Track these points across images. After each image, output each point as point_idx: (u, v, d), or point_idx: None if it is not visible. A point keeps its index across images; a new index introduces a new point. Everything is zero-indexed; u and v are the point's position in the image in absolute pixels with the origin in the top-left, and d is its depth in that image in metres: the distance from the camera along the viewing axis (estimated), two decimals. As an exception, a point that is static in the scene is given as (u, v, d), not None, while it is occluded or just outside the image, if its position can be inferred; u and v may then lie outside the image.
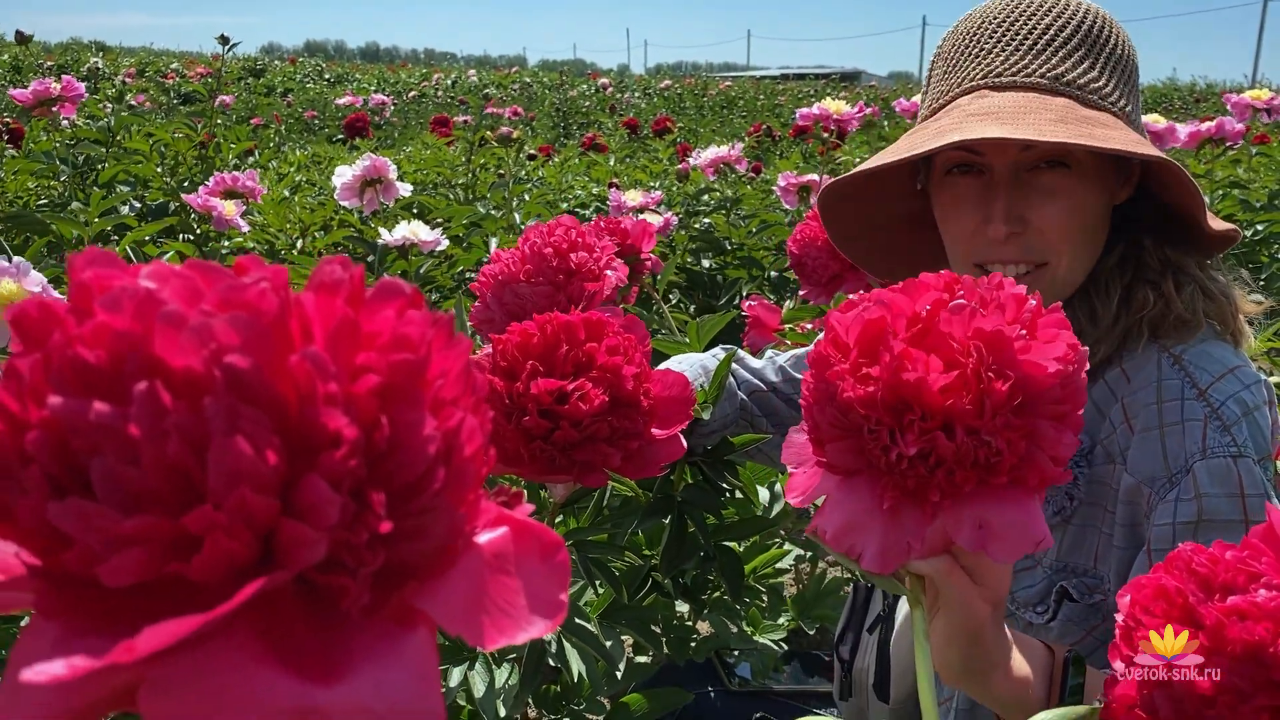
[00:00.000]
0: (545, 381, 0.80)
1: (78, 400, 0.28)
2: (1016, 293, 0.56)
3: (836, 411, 0.57)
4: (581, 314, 0.85)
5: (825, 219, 1.13)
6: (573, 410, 0.80)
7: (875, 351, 0.55)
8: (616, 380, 0.82)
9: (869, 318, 0.56)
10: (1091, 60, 0.96)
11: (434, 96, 14.49)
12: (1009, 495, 0.55)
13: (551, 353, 0.82)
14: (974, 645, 0.69)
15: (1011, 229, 0.95)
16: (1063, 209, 0.94)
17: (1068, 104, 0.93)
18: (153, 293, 0.29)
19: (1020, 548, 0.55)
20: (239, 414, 0.28)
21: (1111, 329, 0.96)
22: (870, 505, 0.58)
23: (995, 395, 0.53)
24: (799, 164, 4.04)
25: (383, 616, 0.31)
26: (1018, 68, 0.96)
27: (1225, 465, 0.86)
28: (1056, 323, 0.55)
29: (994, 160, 0.96)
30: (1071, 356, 0.54)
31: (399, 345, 0.32)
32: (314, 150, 5.29)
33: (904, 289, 0.57)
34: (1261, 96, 3.00)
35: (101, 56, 15.85)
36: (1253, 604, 0.44)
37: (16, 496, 0.28)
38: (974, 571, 0.64)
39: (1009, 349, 0.53)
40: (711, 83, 19.57)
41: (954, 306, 0.54)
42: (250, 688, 0.28)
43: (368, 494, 0.30)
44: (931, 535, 0.57)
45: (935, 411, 0.54)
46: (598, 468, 0.83)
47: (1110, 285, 0.98)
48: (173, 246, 2.25)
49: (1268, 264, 2.85)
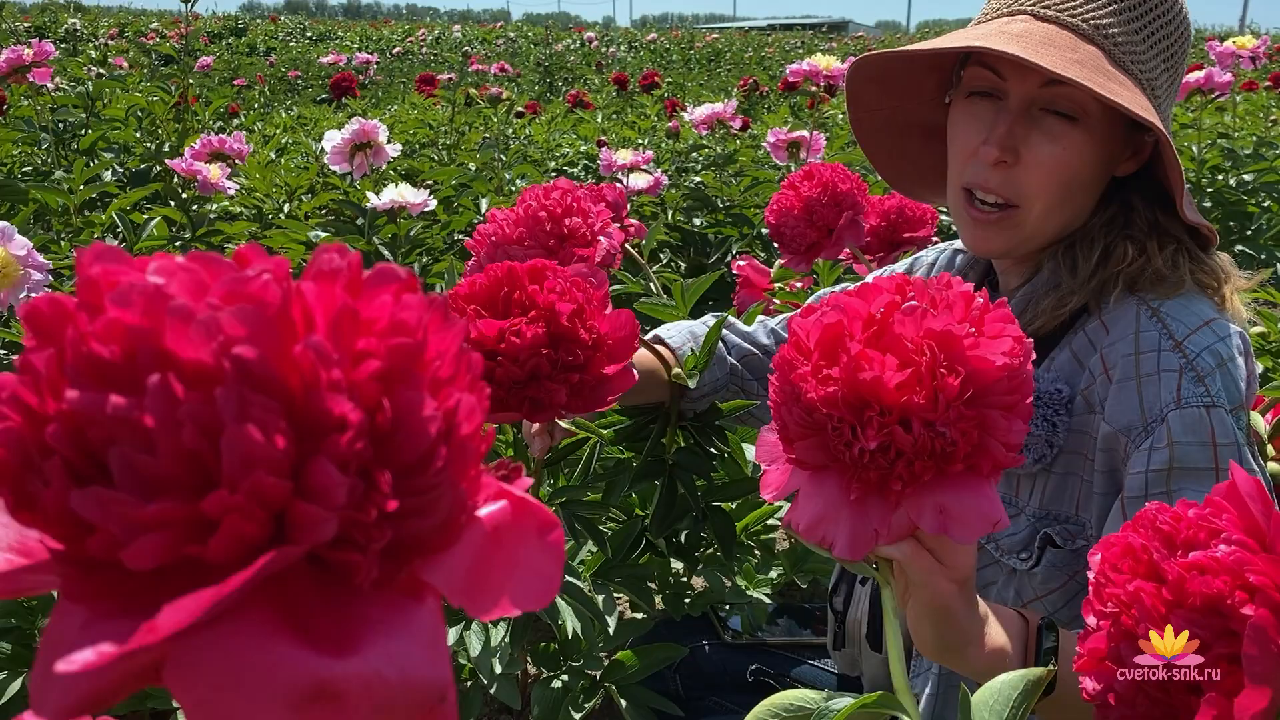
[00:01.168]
0: (485, 323, 0.84)
1: (95, 393, 0.29)
2: (964, 290, 0.59)
3: (802, 411, 0.60)
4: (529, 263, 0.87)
5: (850, 101, 1.15)
6: (508, 347, 0.83)
7: (834, 354, 0.59)
8: (552, 316, 0.85)
9: (827, 322, 0.60)
10: (1139, 25, 0.98)
11: (418, 53, 14.33)
12: (966, 481, 0.59)
13: (493, 297, 0.86)
14: (945, 621, 0.72)
15: (1002, 156, 0.97)
16: (1056, 156, 0.96)
17: (1097, 53, 0.95)
18: (161, 288, 0.30)
19: (978, 529, 0.59)
20: (249, 402, 0.29)
21: (1088, 280, 0.99)
22: (838, 497, 0.62)
23: (947, 390, 0.56)
24: (788, 118, 4.03)
25: (392, 590, 0.33)
26: (1065, 5, 0.98)
27: (1198, 415, 0.89)
28: (1003, 318, 0.58)
29: (1014, 88, 0.98)
30: (1018, 350, 0.57)
31: (397, 330, 0.33)
32: (300, 112, 5.25)
33: (859, 293, 0.60)
34: (1245, 45, 2.99)
35: (80, 17, 15.62)
36: (1212, 559, 0.46)
37: (39, 486, 0.29)
38: (938, 553, 0.68)
39: (959, 346, 0.57)
40: (698, 35, 19.39)
41: (906, 308, 0.58)
42: (268, 661, 0.30)
43: (374, 474, 0.31)
44: (896, 522, 0.61)
45: (892, 407, 0.57)
46: (546, 404, 0.86)
47: (1095, 240, 1.00)
48: (159, 212, 2.24)
49: (1256, 214, 2.86)
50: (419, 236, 2.18)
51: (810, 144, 2.52)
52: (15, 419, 0.30)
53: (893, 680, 0.61)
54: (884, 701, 0.60)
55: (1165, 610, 0.47)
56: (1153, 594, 0.48)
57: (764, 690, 1.36)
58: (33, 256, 1.47)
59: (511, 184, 2.71)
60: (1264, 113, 3.73)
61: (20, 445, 0.30)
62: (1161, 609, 0.47)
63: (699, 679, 1.35)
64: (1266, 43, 3.31)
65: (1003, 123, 0.98)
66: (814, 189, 1.48)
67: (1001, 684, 0.60)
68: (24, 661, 1.07)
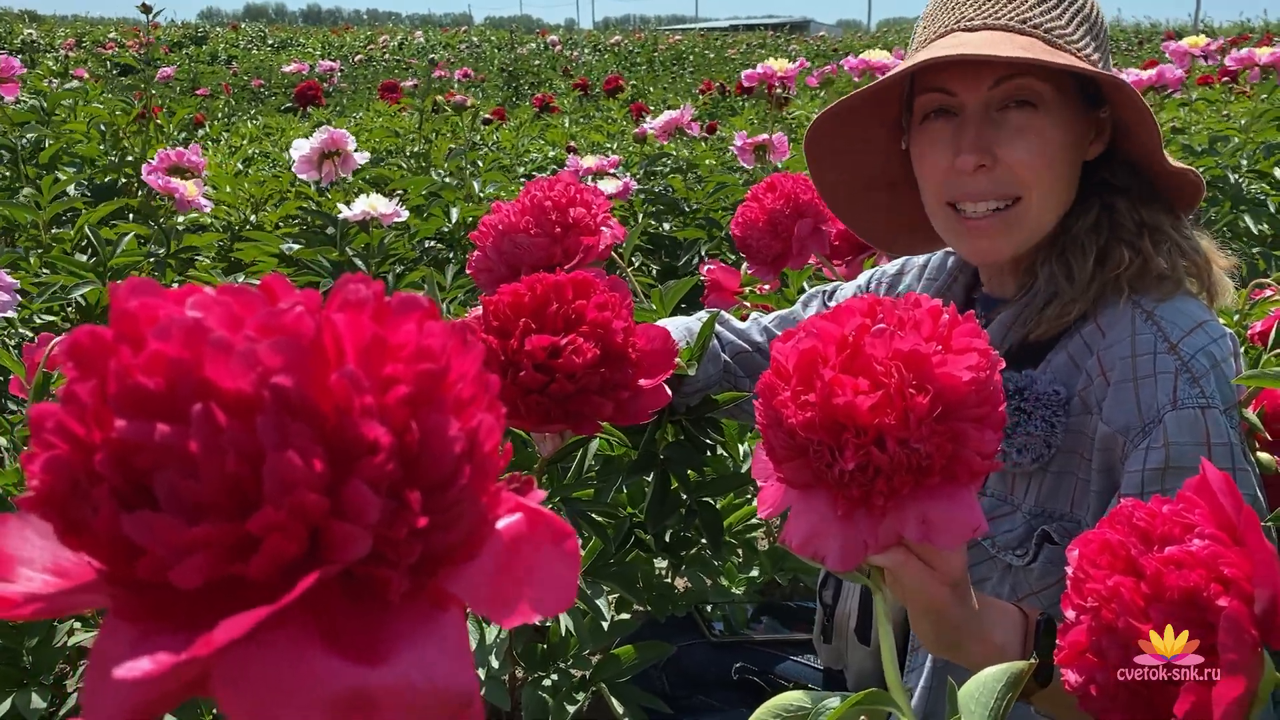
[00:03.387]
0: (539, 338, 0.85)
1: (142, 423, 0.30)
2: (932, 307, 0.62)
3: (784, 435, 0.64)
4: (569, 274, 0.89)
5: (812, 169, 1.18)
6: (566, 364, 0.85)
7: (810, 379, 0.62)
8: (606, 334, 0.87)
9: (803, 348, 0.63)
10: (1060, 11, 1.02)
11: (381, 59, 14.27)
12: (945, 491, 0.62)
13: (542, 310, 0.87)
14: (939, 622, 0.76)
15: (980, 160, 1.00)
16: (1031, 145, 0.99)
17: (1033, 40, 0.99)
18: (200, 321, 0.32)
19: (960, 535, 0.62)
20: (288, 429, 0.31)
21: (1087, 288, 1.01)
22: (827, 513, 0.65)
23: (918, 408, 0.59)
24: (753, 119, 4.07)
25: (419, 601, 0.35)
26: (987, 12, 1.02)
27: (1194, 415, 0.92)
28: (970, 332, 0.61)
29: (966, 98, 1.01)
30: (984, 363, 0.60)
31: (422, 356, 0.35)
32: (265, 121, 5.22)
33: (832, 316, 0.63)
34: (1198, 44, 3.07)
35: (36, 27, 15.39)
36: (1187, 553, 0.48)
37: (88, 512, 0.31)
38: (928, 558, 0.71)
39: (926, 364, 0.60)
40: (661, 37, 19.43)
41: (875, 331, 0.61)
42: (307, 671, 0.32)
43: (404, 493, 0.33)
44: (883, 533, 0.64)
45: (867, 428, 0.60)
46: (590, 417, 0.88)
47: (1086, 245, 1.02)
48: (127, 228, 2.23)
49: (1206, 208, 2.93)
50: (391, 246, 2.19)
51: (776, 147, 2.55)
52: (63, 447, 0.32)
53: (886, 679, 0.63)
54: (878, 698, 0.63)
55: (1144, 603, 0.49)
56: (1131, 588, 0.50)
57: (749, 688, 1.38)
58: (0, 277, 1.46)
59: (482, 192, 2.72)
60: (1217, 107, 3.81)
61: (68, 473, 0.32)
62: (1140, 602, 0.50)
63: (685, 678, 1.38)
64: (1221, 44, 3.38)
65: (968, 130, 1.00)
66: (777, 200, 1.51)
67: (986, 677, 0.63)
68: (13, 681, 1.07)
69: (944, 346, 0.61)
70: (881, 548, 0.65)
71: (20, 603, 0.34)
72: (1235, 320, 1.57)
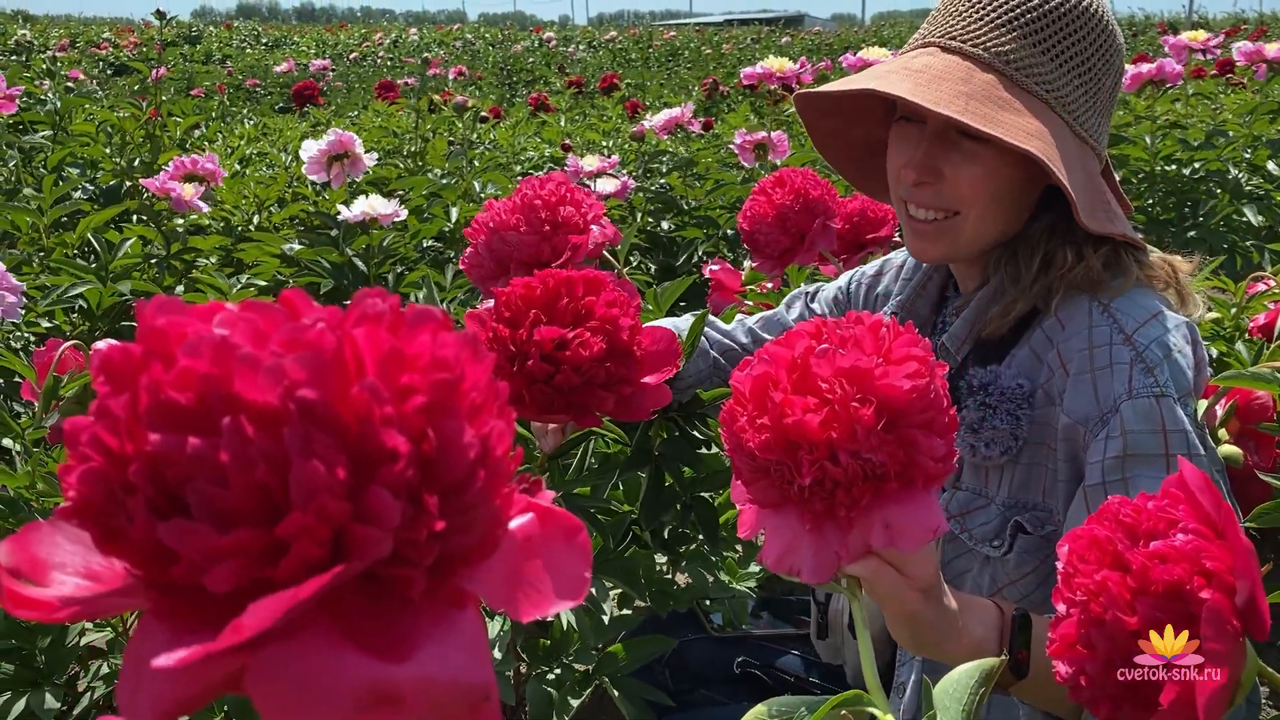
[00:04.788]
0: (548, 329, 0.88)
1: (173, 436, 0.32)
2: (873, 323, 0.65)
3: (746, 458, 0.67)
4: (580, 271, 0.91)
5: (810, 131, 1.21)
6: (573, 356, 0.87)
7: (764, 402, 0.65)
8: (613, 330, 0.89)
9: (756, 374, 0.66)
10: (1044, 46, 1.01)
11: (375, 57, 14.25)
12: (904, 496, 0.65)
13: (553, 304, 0.89)
14: (915, 624, 0.78)
15: (922, 178, 1.04)
16: (976, 174, 1.02)
17: (992, 80, 1.00)
18: (227, 338, 0.33)
19: (922, 537, 0.65)
20: (312, 439, 0.33)
21: (1030, 288, 1.04)
22: (797, 529, 0.68)
23: (863, 420, 0.62)
24: (749, 116, 4.08)
25: (438, 600, 0.36)
26: (969, 35, 1.03)
27: (1149, 404, 0.94)
28: (909, 342, 0.64)
29: (929, 115, 1.03)
30: (923, 370, 0.63)
31: (437, 366, 0.36)
32: (262, 121, 5.23)
33: (783, 341, 0.67)
34: (1198, 38, 3.09)
35: (29, 27, 15.37)
36: (1172, 548, 0.50)
37: (123, 521, 0.33)
38: (899, 565, 0.73)
39: (868, 377, 0.63)
40: (656, 33, 19.42)
41: (819, 351, 0.64)
42: (335, 668, 0.33)
43: (422, 497, 0.34)
44: (852, 543, 0.67)
45: (819, 444, 0.63)
46: (591, 410, 0.90)
47: (1035, 249, 1.05)
48: (133, 231, 2.25)
49: (1205, 200, 2.95)
50: (391, 246, 2.20)
51: (776, 145, 2.57)
52: (98, 460, 0.33)
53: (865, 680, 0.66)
54: (857, 700, 0.65)
55: (1131, 597, 0.51)
56: (1119, 582, 0.52)
57: (750, 682, 1.40)
58: (6, 279, 1.47)
59: (481, 191, 2.73)
60: (1213, 100, 3.83)
61: (104, 484, 0.33)
62: (1127, 596, 0.52)
63: (687, 672, 1.40)
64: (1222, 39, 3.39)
65: (921, 147, 1.04)
66: (786, 196, 1.52)
67: (960, 674, 0.65)
68: (26, 682, 1.09)
69: (884, 359, 0.64)
70: (854, 556, 0.68)
71: (57, 607, 0.35)
72: (1232, 314, 1.59)
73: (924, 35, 1.08)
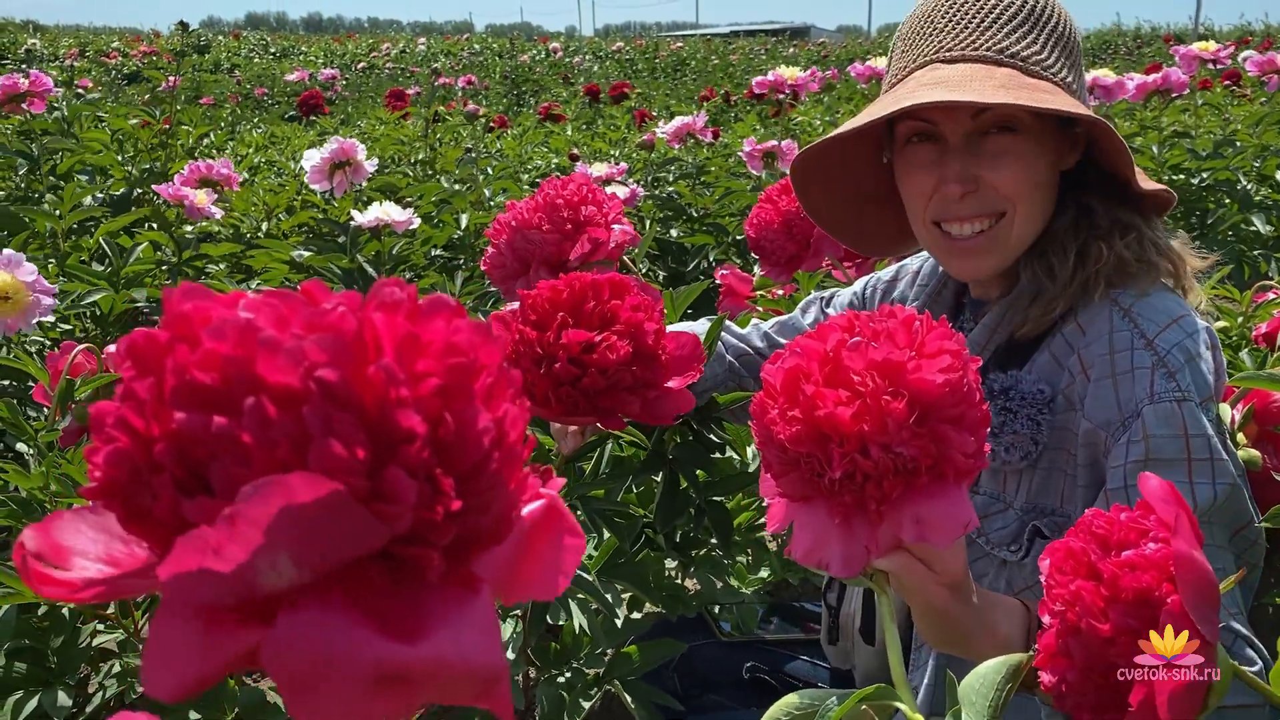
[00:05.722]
0: (575, 332, 0.88)
1: (198, 415, 0.33)
2: (906, 317, 0.65)
3: (777, 450, 0.67)
4: (605, 275, 0.92)
5: (798, 192, 1.21)
6: (600, 359, 0.88)
7: (795, 395, 0.65)
8: (639, 334, 0.90)
9: (788, 367, 0.66)
10: (1034, 36, 1.04)
11: (383, 67, 14.32)
12: (934, 490, 0.64)
13: (579, 307, 0.90)
14: (942, 620, 0.78)
15: (966, 188, 1.03)
16: (1013, 167, 1.03)
17: (1011, 73, 1.02)
18: (251, 321, 0.34)
19: (953, 532, 0.64)
20: (332, 419, 0.33)
21: (1069, 284, 1.04)
22: (826, 523, 0.68)
23: (895, 413, 0.62)
24: (756, 126, 4.09)
25: (452, 583, 0.37)
26: (965, 43, 1.04)
27: (1170, 409, 0.94)
28: (942, 336, 0.64)
29: (947, 129, 1.04)
30: (956, 364, 0.62)
31: (452, 351, 0.37)
32: (271, 130, 5.25)
33: (816, 334, 0.66)
34: (1208, 49, 3.09)
35: (39, 37, 15.48)
36: (1141, 556, 0.51)
37: (149, 500, 0.34)
38: (928, 561, 0.73)
39: (900, 371, 0.62)
40: (663, 44, 19.48)
41: (851, 344, 0.64)
42: (349, 646, 0.34)
43: (439, 478, 0.35)
44: (882, 537, 0.67)
45: (849, 437, 0.63)
46: (616, 413, 0.90)
47: (1066, 244, 1.06)
48: (146, 236, 2.27)
49: (1213, 209, 2.95)
50: (402, 253, 2.21)
51: (785, 154, 2.58)
52: (123, 440, 0.34)
53: (892, 675, 0.66)
54: (883, 694, 0.65)
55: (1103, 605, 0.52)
56: (1092, 591, 0.53)
57: (760, 687, 1.41)
58: (40, 282, 1.49)
59: (492, 199, 2.75)
60: (1220, 111, 3.83)
61: (130, 463, 0.34)
62: (1100, 604, 0.53)
63: (696, 677, 1.40)
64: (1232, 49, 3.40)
65: (953, 161, 1.04)
66: (792, 203, 1.53)
67: (986, 669, 0.65)
68: (39, 680, 1.10)
69: (917, 352, 0.63)
70: (883, 551, 0.68)
71: (80, 587, 0.36)
72: (1239, 322, 1.59)
73: (913, 59, 1.08)
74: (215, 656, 0.33)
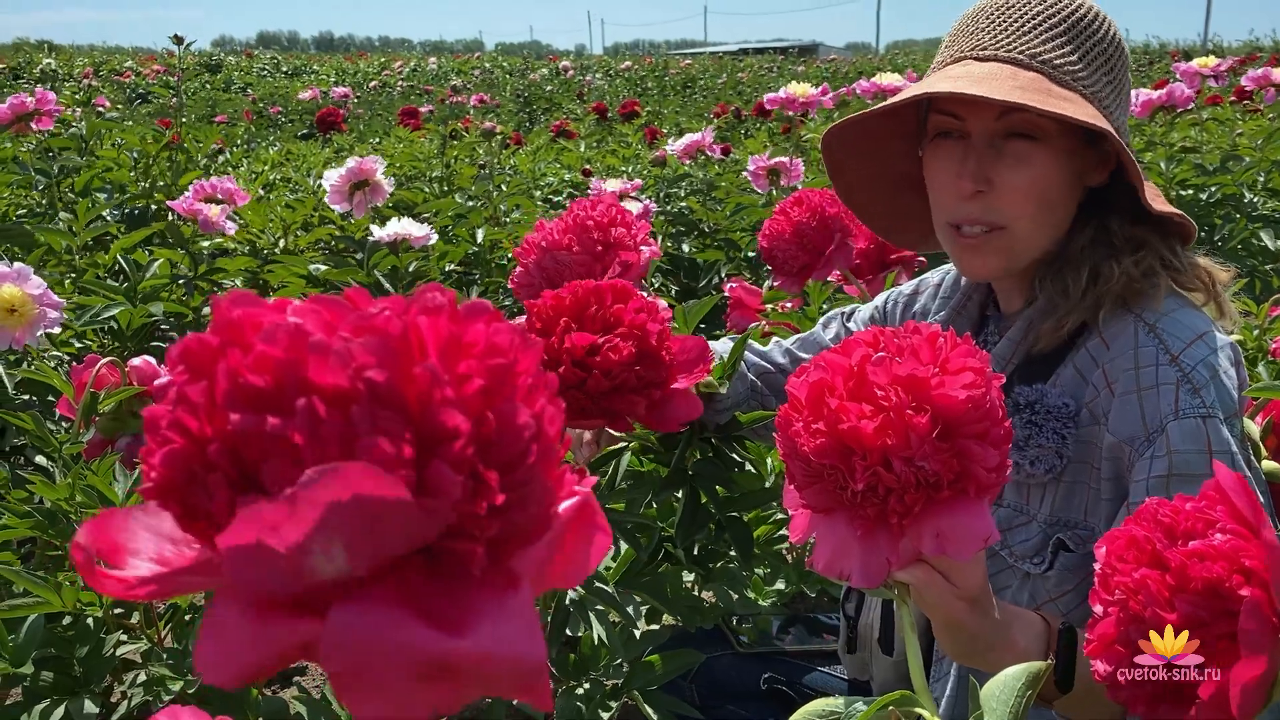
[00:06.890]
0: (579, 336, 0.90)
1: (251, 416, 0.34)
2: (930, 333, 0.66)
3: (801, 462, 0.68)
4: (607, 280, 0.94)
5: (832, 174, 1.23)
6: (604, 361, 0.89)
7: (820, 408, 0.66)
8: (642, 335, 0.92)
9: (813, 380, 0.67)
10: (1072, 46, 1.06)
11: (395, 86, 14.42)
12: (956, 504, 0.66)
13: (582, 312, 0.92)
14: (962, 633, 0.79)
15: (977, 187, 1.05)
16: (1027, 176, 1.04)
17: (1036, 77, 1.03)
18: (300, 326, 0.35)
19: (973, 545, 0.65)
20: (379, 418, 0.35)
21: (1081, 301, 1.05)
22: (848, 534, 0.69)
23: (918, 428, 0.63)
24: (766, 142, 4.11)
25: (496, 578, 0.38)
26: (1001, 43, 1.06)
27: (1195, 425, 0.95)
28: (966, 353, 0.65)
29: (973, 125, 1.06)
30: (979, 381, 0.63)
31: (493, 352, 0.38)
32: (286, 147, 5.30)
33: (841, 349, 0.67)
34: (1208, 64, 3.12)
35: (54, 56, 15.63)
36: (1210, 546, 0.52)
37: (204, 499, 0.35)
38: (948, 574, 0.74)
39: (924, 386, 0.63)
40: (672, 61, 19.57)
41: (875, 359, 0.65)
42: (399, 639, 0.35)
43: (483, 474, 0.36)
44: (903, 550, 0.68)
45: (872, 450, 0.64)
46: (623, 415, 0.92)
47: (1082, 263, 1.07)
48: (161, 253, 2.29)
49: (1220, 225, 2.95)
50: (419, 268, 2.23)
51: (790, 170, 2.59)
52: (179, 441, 0.35)
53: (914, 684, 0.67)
54: (906, 700, 0.65)
55: (1169, 594, 0.52)
56: (1158, 580, 0.53)
57: (778, 698, 1.41)
58: (48, 295, 1.51)
59: (507, 215, 2.77)
60: (1229, 126, 3.83)
61: (185, 463, 0.35)
62: (1166, 593, 0.53)
63: (714, 688, 1.40)
64: (1232, 64, 3.42)
65: (971, 157, 1.05)
66: (804, 214, 1.55)
67: (1007, 676, 0.66)
68: (65, 689, 1.11)
69: (941, 369, 0.64)
70: (903, 563, 0.69)
71: (134, 584, 0.38)
72: (1255, 336, 1.60)
73: (951, 54, 1.10)
74: (270, 646, 0.34)
